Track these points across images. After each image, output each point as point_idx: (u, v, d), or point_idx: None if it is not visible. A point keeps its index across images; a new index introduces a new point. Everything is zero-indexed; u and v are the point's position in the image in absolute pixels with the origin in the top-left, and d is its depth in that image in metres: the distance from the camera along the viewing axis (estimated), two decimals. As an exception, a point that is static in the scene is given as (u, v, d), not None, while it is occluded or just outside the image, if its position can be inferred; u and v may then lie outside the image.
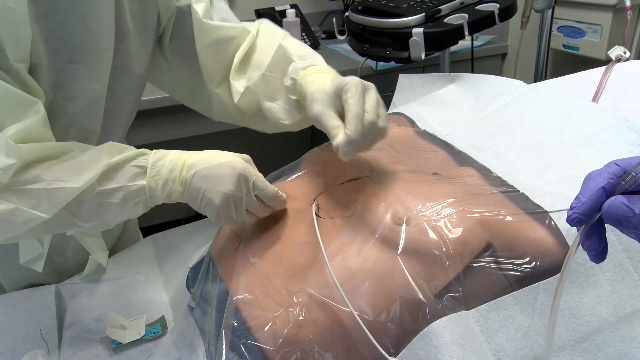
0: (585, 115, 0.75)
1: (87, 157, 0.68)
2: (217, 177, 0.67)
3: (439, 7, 1.19)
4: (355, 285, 0.60)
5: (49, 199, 0.65)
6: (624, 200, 0.41)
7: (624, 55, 0.85)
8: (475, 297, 0.58)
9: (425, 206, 0.63)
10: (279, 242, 0.71)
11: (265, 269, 0.68)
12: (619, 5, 1.52)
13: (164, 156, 0.69)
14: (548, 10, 1.45)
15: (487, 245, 0.60)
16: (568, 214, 0.43)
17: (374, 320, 0.57)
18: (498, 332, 0.57)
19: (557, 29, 1.71)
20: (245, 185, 0.68)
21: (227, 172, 0.67)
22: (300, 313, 0.61)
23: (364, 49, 1.36)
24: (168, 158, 0.69)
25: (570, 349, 0.58)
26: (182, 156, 0.69)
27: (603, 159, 0.71)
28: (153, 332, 0.79)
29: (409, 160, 0.77)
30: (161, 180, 0.68)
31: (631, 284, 0.61)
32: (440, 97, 0.99)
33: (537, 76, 1.58)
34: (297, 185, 0.78)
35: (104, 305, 0.86)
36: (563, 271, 0.47)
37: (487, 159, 0.77)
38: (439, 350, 0.54)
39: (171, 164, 0.68)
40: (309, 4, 2.19)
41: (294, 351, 0.60)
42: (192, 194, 0.68)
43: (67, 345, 0.79)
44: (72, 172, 0.66)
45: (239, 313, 0.65)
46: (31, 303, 0.87)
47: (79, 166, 0.67)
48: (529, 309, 0.58)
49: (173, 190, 0.68)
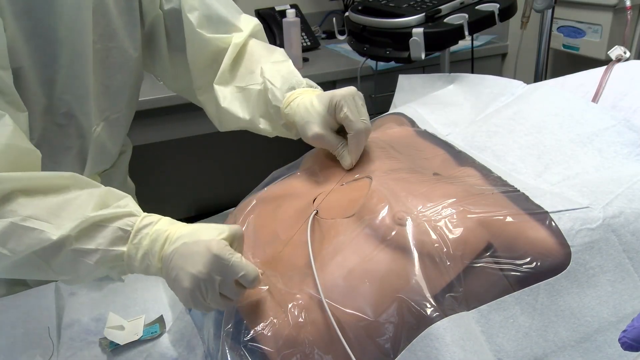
0: (585, 115, 0.75)
1: (76, 202, 0.62)
2: (189, 257, 0.59)
3: (439, 7, 1.19)
4: (355, 285, 0.60)
5: (18, 238, 0.59)
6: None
7: (624, 55, 0.85)
8: (476, 297, 0.58)
9: (425, 206, 0.63)
10: (279, 242, 0.71)
11: (265, 269, 0.68)
12: (619, 5, 1.52)
13: (152, 223, 0.63)
14: (548, 10, 1.45)
15: (487, 245, 0.60)
16: (620, 336, 0.45)
17: (374, 320, 0.57)
18: (499, 332, 0.57)
19: (557, 29, 1.71)
20: (220, 268, 0.58)
21: (201, 251, 0.58)
22: (300, 314, 0.61)
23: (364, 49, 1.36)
24: (154, 227, 0.62)
25: (570, 349, 0.58)
26: (169, 228, 0.62)
27: (603, 159, 0.71)
28: (151, 332, 0.79)
29: (409, 160, 0.77)
30: (141, 251, 0.62)
31: (632, 285, 0.60)
32: (440, 97, 0.98)
33: (537, 76, 1.58)
34: (297, 185, 0.78)
35: (103, 305, 0.86)
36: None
37: (487, 159, 0.77)
38: (439, 352, 0.53)
39: (155, 234, 0.61)
40: (309, 4, 2.19)
41: (294, 353, 0.60)
42: (168, 272, 0.60)
43: (66, 345, 0.79)
44: (52, 213, 0.60)
45: (239, 314, 0.65)
46: (30, 301, 0.87)
47: (61, 209, 0.61)
48: (529, 309, 0.58)
49: (151, 265, 0.62)
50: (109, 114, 0.87)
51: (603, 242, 0.60)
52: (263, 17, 1.98)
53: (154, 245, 0.61)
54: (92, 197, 0.62)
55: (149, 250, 0.61)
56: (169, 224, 0.63)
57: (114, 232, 0.61)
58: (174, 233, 0.61)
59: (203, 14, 0.85)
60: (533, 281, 0.58)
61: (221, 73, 0.86)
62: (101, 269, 0.63)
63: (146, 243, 0.61)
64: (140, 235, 0.62)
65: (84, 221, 0.60)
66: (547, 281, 0.58)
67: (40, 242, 0.59)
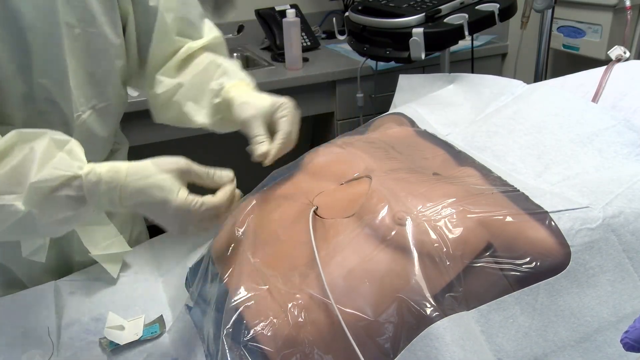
0: (585, 115, 0.75)
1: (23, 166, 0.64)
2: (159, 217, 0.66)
3: (439, 7, 1.19)
4: (355, 285, 0.60)
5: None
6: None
7: (624, 55, 0.85)
8: (476, 297, 0.58)
9: (425, 206, 0.63)
10: (279, 242, 0.71)
11: (265, 269, 0.68)
12: (619, 5, 1.52)
13: (98, 182, 0.64)
14: (548, 10, 1.45)
15: (487, 245, 0.60)
16: (622, 337, 0.45)
17: (374, 320, 0.57)
18: (498, 332, 0.57)
19: (557, 29, 1.71)
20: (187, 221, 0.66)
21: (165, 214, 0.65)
22: (300, 314, 0.61)
23: (364, 49, 1.36)
24: (102, 186, 0.64)
25: (570, 349, 0.58)
26: (114, 181, 0.64)
27: (603, 159, 0.71)
28: (151, 332, 0.79)
29: (409, 160, 0.77)
30: (105, 205, 0.66)
31: (631, 285, 0.60)
32: (440, 97, 0.99)
33: (537, 76, 1.58)
34: (297, 185, 0.78)
35: (103, 305, 0.86)
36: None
37: (487, 159, 0.77)
38: (439, 351, 0.53)
39: (107, 193, 0.64)
40: (309, 4, 2.19)
41: (294, 352, 0.60)
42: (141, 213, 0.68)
43: (66, 345, 0.79)
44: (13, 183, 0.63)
45: (238, 314, 0.65)
46: (30, 301, 0.87)
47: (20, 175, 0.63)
48: (529, 309, 0.58)
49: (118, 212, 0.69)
50: (96, 103, 0.87)
51: (603, 242, 0.60)
52: (263, 17, 1.98)
53: (114, 201, 0.65)
54: (34, 160, 0.64)
55: (112, 204, 0.65)
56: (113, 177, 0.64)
57: (69, 199, 0.64)
58: (125, 191, 0.64)
59: (178, 15, 0.89)
60: (533, 281, 0.58)
61: (167, 67, 0.89)
62: (78, 221, 0.68)
63: (105, 202, 0.65)
64: (96, 197, 0.64)
65: (37, 191, 0.63)
66: (547, 281, 0.58)
67: (14, 214, 0.63)
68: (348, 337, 0.57)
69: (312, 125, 2.13)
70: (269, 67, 1.88)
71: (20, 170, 0.63)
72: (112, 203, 0.65)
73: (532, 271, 0.58)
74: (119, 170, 0.65)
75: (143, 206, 0.65)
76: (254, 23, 2.02)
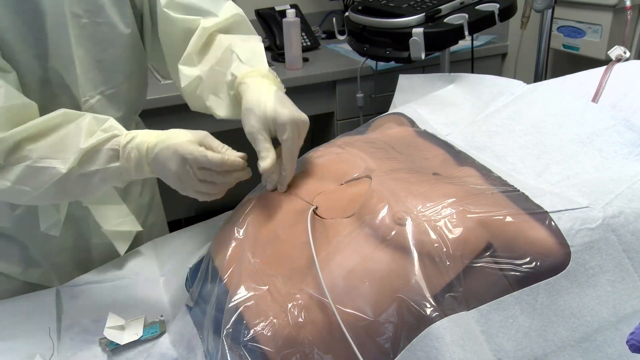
0: (585, 115, 0.75)
1: (70, 135, 0.74)
2: (166, 159, 0.73)
3: (439, 7, 1.19)
4: (355, 285, 0.60)
5: (35, 177, 0.73)
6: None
7: (624, 55, 0.85)
8: (476, 297, 0.58)
9: (425, 206, 0.63)
10: (279, 243, 0.71)
11: (265, 269, 0.68)
12: (619, 5, 1.52)
13: (133, 138, 0.74)
14: (548, 10, 1.45)
15: (487, 245, 0.60)
16: (627, 338, 0.44)
17: (374, 320, 0.57)
18: (498, 332, 0.57)
19: (557, 29, 1.71)
20: (187, 163, 0.71)
21: (171, 156, 0.72)
22: (300, 314, 0.61)
23: (364, 49, 1.36)
24: (136, 141, 0.74)
25: (570, 349, 0.58)
26: (147, 138, 0.74)
27: (603, 159, 0.71)
28: (151, 332, 0.79)
29: (409, 160, 0.77)
30: (132, 162, 0.74)
31: (631, 284, 0.60)
32: (440, 97, 0.98)
33: (537, 76, 1.58)
34: (297, 185, 0.78)
35: (103, 306, 0.86)
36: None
37: (487, 159, 0.77)
38: (439, 351, 0.53)
39: (138, 147, 0.74)
40: (309, 4, 2.19)
41: (294, 352, 0.60)
42: (158, 172, 0.75)
43: (66, 346, 0.79)
44: (56, 150, 0.74)
45: (238, 314, 0.65)
46: (31, 303, 0.87)
47: (62, 145, 0.74)
48: (529, 309, 0.58)
49: (144, 171, 0.75)
50: (104, 89, 0.89)
51: (603, 242, 0.60)
52: (263, 17, 1.98)
53: (140, 156, 0.74)
54: (81, 128, 0.74)
55: (139, 162, 0.74)
56: (147, 135, 0.75)
57: (107, 153, 0.74)
58: (152, 142, 0.73)
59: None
60: (533, 281, 0.58)
61: (187, 55, 0.87)
62: (106, 184, 0.78)
63: (134, 155, 0.74)
64: (128, 150, 0.74)
65: (81, 150, 0.73)
66: (546, 281, 0.58)
67: (54, 176, 0.73)
68: (346, 338, 0.57)
69: (312, 125, 2.13)
70: (269, 67, 1.88)
71: (66, 141, 0.74)
72: (140, 159, 0.73)
73: (532, 271, 0.58)
74: (151, 133, 0.75)
75: (159, 155, 0.72)
76: (254, 23, 2.01)
